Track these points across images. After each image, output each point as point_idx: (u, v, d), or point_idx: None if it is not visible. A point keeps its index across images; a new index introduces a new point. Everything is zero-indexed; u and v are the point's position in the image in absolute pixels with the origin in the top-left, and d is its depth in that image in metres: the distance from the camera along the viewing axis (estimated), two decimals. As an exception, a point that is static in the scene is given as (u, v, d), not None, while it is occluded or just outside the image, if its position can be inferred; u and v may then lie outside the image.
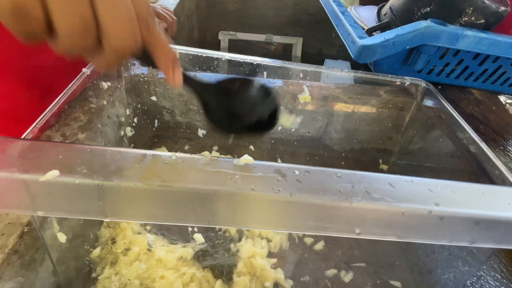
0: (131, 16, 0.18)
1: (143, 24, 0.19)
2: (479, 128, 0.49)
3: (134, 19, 0.18)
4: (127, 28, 0.18)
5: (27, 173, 0.20)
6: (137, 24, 0.18)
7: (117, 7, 0.17)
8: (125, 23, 0.18)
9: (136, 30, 0.18)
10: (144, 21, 0.19)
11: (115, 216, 0.21)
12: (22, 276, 0.29)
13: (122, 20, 0.17)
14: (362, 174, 0.25)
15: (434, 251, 0.43)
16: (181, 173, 0.21)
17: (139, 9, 0.18)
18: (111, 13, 0.17)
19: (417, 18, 0.54)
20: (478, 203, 0.24)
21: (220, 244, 0.42)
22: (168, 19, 0.71)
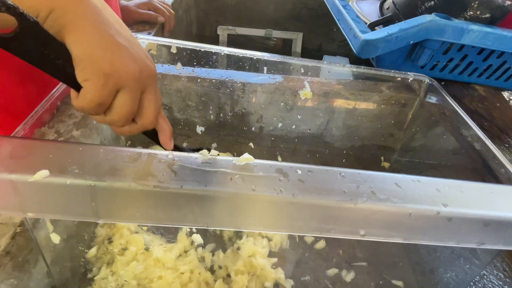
0: (159, 107, 0.27)
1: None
2: (484, 125, 0.48)
3: (160, 108, 0.27)
4: (156, 115, 0.26)
5: (15, 173, 0.19)
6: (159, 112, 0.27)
7: (154, 103, 0.26)
8: (156, 112, 0.26)
9: (158, 116, 0.27)
10: (159, 109, 0.27)
11: (108, 218, 0.20)
12: (15, 278, 0.29)
13: (155, 110, 0.26)
14: (367, 173, 0.24)
15: (436, 250, 0.42)
16: (178, 173, 0.20)
17: (159, 102, 0.27)
18: (151, 106, 0.26)
19: (420, 12, 0.53)
20: (487, 204, 0.24)
21: (219, 242, 0.42)
22: (165, 13, 0.70)
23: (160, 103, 0.27)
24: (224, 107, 0.50)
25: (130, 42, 0.25)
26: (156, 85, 0.27)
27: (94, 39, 0.22)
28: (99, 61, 0.22)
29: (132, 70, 0.23)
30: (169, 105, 0.50)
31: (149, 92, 0.25)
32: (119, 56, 0.23)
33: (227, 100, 0.50)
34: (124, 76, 0.23)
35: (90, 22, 0.22)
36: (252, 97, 0.50)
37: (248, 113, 0.51)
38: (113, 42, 0.23)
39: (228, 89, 0.49)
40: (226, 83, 0.48)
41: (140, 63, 0.24)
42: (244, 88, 0.49)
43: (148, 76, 0.25)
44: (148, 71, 0.25)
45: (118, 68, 0.23)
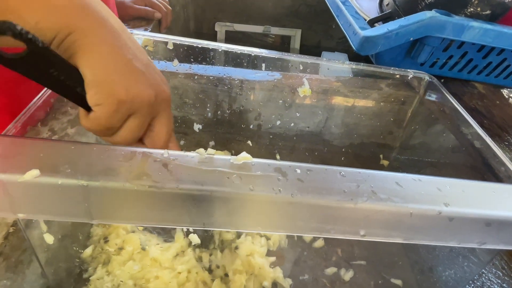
0: (170, 131, 0.27)
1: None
2: (484, 123, 0.48)
3: (172, 132, 0.27)
4: (167, 140, 0.26)
5: (4, 172, 0.18)
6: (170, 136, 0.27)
7: (166, 127, 0.26)
8: (167, 136, 0.26)
9: (169, 140, 0.27)
10: (171, 133, 0.27)
11: (102, 218, 0.20)
12: (8, 279, 0.28)
13: (166, 134, 0.26)
14: (368, 172, 0.23)
15: (435, 249, 0.42)
16: (174, 172, 0.20)
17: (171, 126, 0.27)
18: (162, 130, 0.26)
19: (420, 9, 0.52)
20: (489, 203, 0.23)
21: (217, 241, 0.41)
22: (162, 9, 0.69)
23: (172, 127, 0.27)
24: (221, 104, 0.50)
25: (147, 66, 0.24)
26: (170, 109, 0.26)
27: (110, 64, 0.22)
28: (114, 86, 0.22)
29: (147, 96, 0.23)
30: (166, 102, 0.49)
31: (162, 116, 0.25)
32: (135, 82, 0.23)
33: (224, 98, 0.49)
34: (139, 103, 0.23)
35: (108, 46, 0.22)
36: (250, 94, 0.49)
37: (246, 111, 0.50)
38: (130, 67, 0.23)
39: (225, 86, 0.48)
40: (224, 80, 0.47)
41: (155, 88, 0.24)
42: (242, 85, 0.48)
43: (162, 101, 0.25)
44: (163, 96, 0.25)
45: (133, 94, 0.22)
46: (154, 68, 0.25)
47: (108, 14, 0.23)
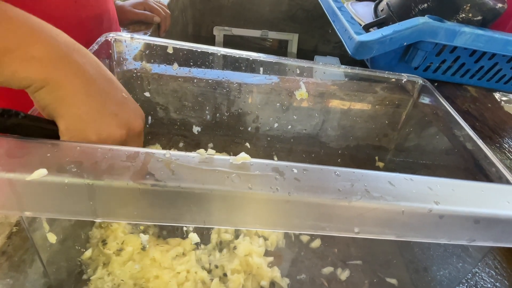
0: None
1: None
2: (475, 126, 0.49)
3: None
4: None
5: (13, 172, 0.19)
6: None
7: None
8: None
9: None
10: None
11: (107, 216, 0.21)
12: (11, 278, 0.29)
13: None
14: (361, 172, 0.24)
15: (430, 248, 0.43)
16: (176, 172, 0.20)
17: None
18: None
19: (414, 14, 0.53)
20: (478, 201, 0.24)
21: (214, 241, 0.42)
22: (161, 13, 0.70)
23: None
24: (220, 107, 0.51)
25: (121, 105, 0.26)
26: (141, 139, 0.28)
27: (83, 112, 0.23)
28: (86, 132, 0.23)
29: (119, 136, 0.25)
30: (165, 105, 0.50)
31: (132, 145, 0.27)
32: (107, 125, 0.24)
33: (223, 101, 0.50)
34: (110, 143, 0.24)
35: (81, 95, 0.23)
36: (248, 97, 0.50)
37: (244, 113, 0.51)
38: (101, 113, 0.24)
39: (224, 90, 0.49)
40: (223, 84, 0.48)
41: (127, 127, 0.26)
42: (240, 89, 0.49)
43: (133, 136, 0.27)
44: (135, 132, 0.27)
45: (103, 137, 0.24)
46: (129, 105, 0.27)
47: (84, 61, 0.24)
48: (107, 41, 0.41)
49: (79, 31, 0.44)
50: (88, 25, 0.45)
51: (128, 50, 0.48)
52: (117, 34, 0.43)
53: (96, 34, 0.41)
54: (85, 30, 0.45)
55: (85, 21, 0.44)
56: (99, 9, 0.46)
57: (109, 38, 0.42)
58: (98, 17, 0.46)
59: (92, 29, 0.45)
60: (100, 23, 0.47)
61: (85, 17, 0.43)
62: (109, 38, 0.42)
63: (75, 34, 0.25)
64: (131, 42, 0.45)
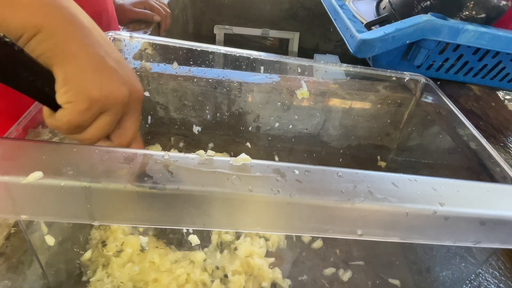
0: (138, 129, 0.26)
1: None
2: (479, 125, 0.49)
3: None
4: (134, 137, 0.26)
5: (8, 174, 0.18)
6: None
7: (135, 125, 0.26)
8: (135, 134, 0.26)
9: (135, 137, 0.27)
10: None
11: (104, 219, 0.20)
12: (9, 280, 0.28)
13: (135, 132, 0.26)
14: (364, 173, 0.24)
15: (433, 249, 0.43)
16: (174, 174, 0.20)
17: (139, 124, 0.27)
18: (132, 128, 0.26)
19: (416, 12, 0.53)
20: (483, 203, 0.24)
21: (216, 243, 0.41)
22: (161, 12, 0.69)
23: (139, 124, 0.27)
24: (221, 106, 0.50)
25: (119, 63, 0.24)
26: (140, 107, 0.26)
27: (82, 62, 0.21)
28: (87, 84, 0.21)
29: (121, 94, 0.23)
30: (165, 104, 0.50)
31: (132, 114, 0.25)
32: (109, 79, 0.22)
33: (223, 100, 0.50)
34: (112, 101, 0.22)
35: (78, 44, 0.21)
36: (249, 96, 0.49)
37: (245, 113, 0.51)
38: (102, 64, 0.22)
39: (225, 89, 0.48)
40: (223, 83, 0.48)
41: (129, 86, 0.24)
42: (241, 88, 0.48)
43: (135, 99, 0.24)
44: (137, 94, 0.25)
45: (106, 92, 0.22)
46: (126, 65, 0.25)
47: (77, 11, 0.22)
48: (106, 40, 0.41)
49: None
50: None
51: (128, 49, 0.47)
52: (116, 33, 0.42)
53: None
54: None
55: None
56: (97, 8, 0.45)
57: (108, 37, 0.41)
58: (97, 16, 0.45)
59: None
60: (99, 22, 0.46)
61: (84, 16, 0.43)
62: (108, 36, 0.41)
63: None
64: (130, 41, 0.45)
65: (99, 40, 0.23)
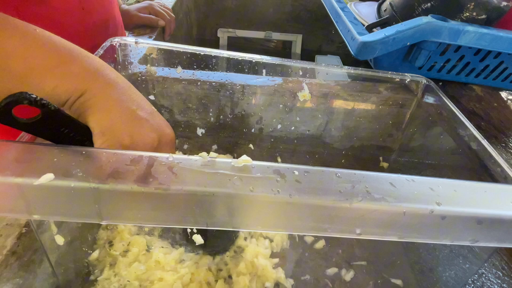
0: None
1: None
2: (481, 125, 0.49)
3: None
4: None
5: (21, 176, 0.19)
6: None
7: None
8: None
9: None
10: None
11: (112, 219, 0.21)
12: (21, 278, 0.29)
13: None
14: (363, 173, 0.24)
15: (435, 249, 0.43)
16: (178, 175, 0.21)
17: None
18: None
19: (417, 14, 0.53)
20: (480, 202, 0.24)
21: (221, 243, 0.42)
22: (166, 17, 0.70)
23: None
24: (224, 109, 0.51)
25: (151, 114, 0.27)
26: (174, 149, 0.29)
27: (116, 115, 0.24)
28: (119, 134, 0.24)
29: (151, 140, 0.26)
30: (170, 107, 0.51)
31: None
32: (139, 128, 0.25)
33: (227, 102, 0.50)
34: (142, 147, 0.25)
35: (113, 101, 0.24)
36: (252, 99, 0.50)
37: (248, 115, 0.52)
38: (134, 116, 0.25)
39: (228, 92, 0.49)
40: (226, 86, 0.49)
41: (159, 132, 0.26)
42: (243, 90, 0.49)
43: (166, 143, 0.27)
44: (167, 139, 0.27)
45: (137, 139, 0.25)
46: (158, 115, 0.28)
47: (116, 76, 0.26)
48: (112, 45, 0.42)
49: (85, 37, 0.45)
50: (95, 31, 0.46)
51: (133, 54, 0.49)
52: (122, 39, 0.44)
53: (102, 39, 0.42)
54: (91, 35, 0.46)
55: (91, 27, 0.44)
56: (105, 15, 0.46)
57: (114, 43, 0.43)
58: (104, 23, 0.47)
59: (98, 35, 0.46)
60: (106, 29, 0.48)
61: (92, 24, 0.44)
62: (114, 42, 0.42)
63: (81, 39, 0.26)
64: (136, 46, 0.46)
65: (133, 97, 0.26)
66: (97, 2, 0.45)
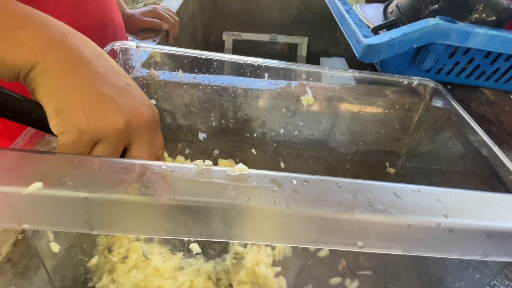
0: (153, 156, 0.26)
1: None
2: (492, 130, 0.47)
3: (158, 156, 0.27)
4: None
5: (10, 185, 0.19)
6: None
7: (146, 153, 0.25)
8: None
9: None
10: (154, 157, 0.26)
11: (103, 229, 0.20)
12: (16, 285, 0.29)
13: (146, 159, 0.24)
14: (365, 183, 0.23)
15: (444, 259, 0.41)
16: (171, 184, 0.20)
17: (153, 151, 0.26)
18: (141, 156, 0.25)
19: (424, 16, 0.52)
20: (491, 214, 0.23)
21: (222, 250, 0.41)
22: (170, 21, 0.70)
23: (157, 150, 0.26)
24: (226, 113, 0.50)
25: (122, 91, 0.23)
26: (153, 132, 0.25)
27: (71, 92, 0.21)
28: (75, 115, 0.21)
29: (115, 123, 0.22)
30: (172, 111, 0.50)
31: (139, 141, 0.24)
32: (100, 109, 0.22)
33: (229, 106, 0.50)
34: (102, 130, 0.22)
35: (70, 75, 0.21)
36: (254, 103, 0.49)
37: (250, 119, 0.51)
38: (94, 94, 0.22)
39: (230, 95, 0.49)
40: (228, 90, 0.48)
41: (128, 113, 0.23)
42: (246, 94, 0.49)
43: (138, 126, 0.23)
44: (139, 121, 0.23)
45: (95, 121, 0.21)
46: (132, 92, 0.24)
47: (82, 45, 0.22)
48: (113, 49, 0.42)
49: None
50: (91, 32, 0.45)
51: (135, 58, 0.48)
52: (123, 43, 0.43)
53: (100, 41, 0.41)
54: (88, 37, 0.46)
55: (88, 29, 0.44)
56: (102, 17, 0.46)
57: (115, 47, 0.42)
58: (102, 24, 0.47)
59: (95, 36, 0.46)
60: (104, 31, 0.47)
61: (88, 25, 0.44)
62: (115, 47, 0.42)
63: None
64: (137, 50, 0.45)
65: (99, 69, 0.22)
66: (93, 3, 0.44)
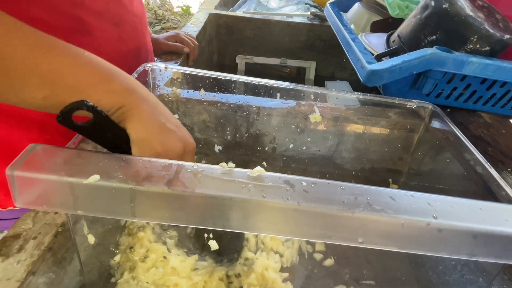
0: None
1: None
2: (488, 150, 0.50)
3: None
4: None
5: (72, 176, 0.23)
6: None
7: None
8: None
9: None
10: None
11: (143, 217, 0.24)
12: (53, 273, 0.33)
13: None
14: (365, 187, 0.27)
15: (446, 272, 0.43)
16: (201, 181, 0.24)
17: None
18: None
19: (424, 45, 0.57)
20: (475, 218, 0.26)
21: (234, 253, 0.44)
22: (190, 44, 0.77)
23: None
24: (240, 128, 0.55)
25: (177, 126, 0.32)
26: (194, 156, 0.34)
27: (149, 126, 0.29)
28: (153, 142, 0.29)
29: (178, 149, 0.31)
30: (191, 126, 0.55)
31: (186, 160, 0.32)
32: (168, 138, 0.30)
33: (243, 122, 0.54)
34: (171, 154, 0.30)
35: (147, 114, 0.29)
36: (266, 120, 0.54)
37: (262, 135, 0.55)
38: (164, 127, 0.30)
39: (244, 113, 0.53)
40: (243, 107, 0.53)
41: (184, 142, 0.32)
42: (259, 112, 0.53)
43: (189, 151, 0.32)
44: (190, 148, 0.32)
45: (167, 148, 0.30)
46: (183, 127, 0.33)
47: (148, 93, 0.31)
48: (145, 70, 0.48)
49: (120, 62, 0.51)
50: (129, 57, 0.51)
51: (161, 78, 0.54)
52: (153, 64, 0.49)
53: (135, 64, 0.47)
54: (126, 61, 0.51)
55: (126, 54, 0.50)
56: (138, 43, 0.53)
57: (147, 68, 0.48)
58: (137, 50, 0.53)
59: (132, 60, 0.52)
60: (139, 55, 0.54)
61: (127, 51, 0.50)
62: (146, 67, 0.48)
63: (117, 64, 0.30)
64: (165, 71, 0.51)
65: (162, 111, 0.31)
66: (133, 32, 0.51)
